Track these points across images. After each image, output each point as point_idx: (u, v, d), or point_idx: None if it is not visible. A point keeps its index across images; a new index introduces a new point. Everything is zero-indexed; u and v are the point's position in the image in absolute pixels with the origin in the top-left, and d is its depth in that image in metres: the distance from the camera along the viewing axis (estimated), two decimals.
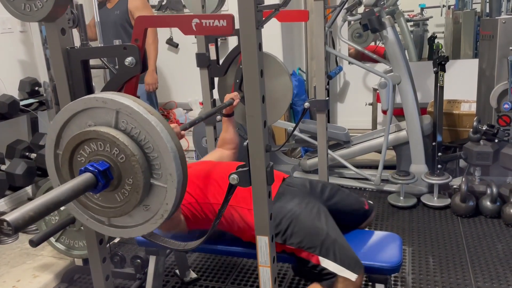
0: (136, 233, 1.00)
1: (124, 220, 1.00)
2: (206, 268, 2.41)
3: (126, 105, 0.90)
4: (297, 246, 1.54)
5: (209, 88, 2.14)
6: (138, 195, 0.92)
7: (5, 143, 2.94)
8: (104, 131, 0.90)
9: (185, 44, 4.13)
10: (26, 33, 3.24)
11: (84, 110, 0.95)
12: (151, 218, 0.97)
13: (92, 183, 0.89)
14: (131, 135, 0.92)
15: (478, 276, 2.19)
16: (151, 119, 0.89)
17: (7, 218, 0.73)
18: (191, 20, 1.13)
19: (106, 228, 1.03)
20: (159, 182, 0.93)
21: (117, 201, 0.96)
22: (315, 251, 1.51)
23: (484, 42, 3.02)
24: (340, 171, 3.44)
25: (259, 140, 1.09)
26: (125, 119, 0.91)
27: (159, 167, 0.92)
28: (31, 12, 1.10)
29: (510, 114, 2.75)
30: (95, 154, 0.93)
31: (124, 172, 0.92)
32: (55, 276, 2.34)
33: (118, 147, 0.90)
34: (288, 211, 1.58)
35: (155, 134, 0.89)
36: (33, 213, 0.76)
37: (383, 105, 3.05)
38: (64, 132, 0.99)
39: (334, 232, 1.57)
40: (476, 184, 2.84)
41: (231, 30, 1.10)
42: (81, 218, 1.04)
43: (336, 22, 3.42)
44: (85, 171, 0.90)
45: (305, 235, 1.53)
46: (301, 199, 1.65)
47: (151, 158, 0.92)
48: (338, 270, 1.48)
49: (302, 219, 1.56)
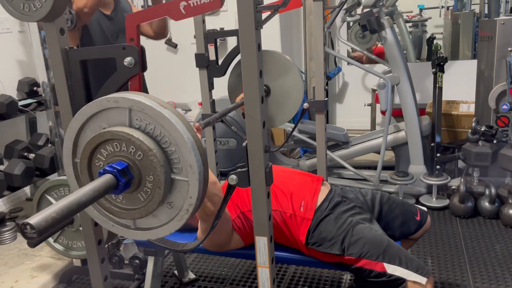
0: (163, 233, 0.99)
1: (150, 221, 0.99)
2: (204, 269, 2.41)
3: (138, 101, 0.89)
4: (358, 255, 1.50)
5: (208, 88, 2.14)
6: (160, 190, 0.91)
7: (3, 143, 2.94)
8: (118, 130, 0.90)
9: (184, 44, 4.13)
10: (24, 33, 3.24)
11: (97, 114, 0.94)
12: (176, 215, 0.96)
13: (113, 183, 0.88)
14: (147, 131, 0.91)
15: (476, 276, 2.19)
16: (164, 112, 0.88)
17: (30, 221, 0.71)
18: (178, 4, 1.13)
19: (132, 232, 1.02)
20: (180, 176, 0.92)
21: (140, 201, 0.95)
22: (378, 258, 1.48)
23: (483, 43, 3.03)
24: (339, 172, 3.44)
25: (258, 140, 1.08)
26: (138, 116, 0.91)
27: (178, 161, 0.91)
28: (30, 12, 1.10)
29: (508, 115, 2.75)
30: (112, 156, 0.92)
31: (144, 169, 0.91)
32: (53, 277, 2.33)
33: (134, 145, 0.89)
34: (343, 222, 1.56)
35: (170, 127, 0.89)
36: (57, 215, 0.75)
37: (382, 106, 3.06)
38: (80, 139, 0.98)
39: (391, 240, 1.54)
40: (475, 185, 2.84)
41: (219, 4, 1.09)
42: (107, 225, 1.03)
43: (335, 23, 3.42)
44: (104, 172, 0.89)
45: (365, 244, 1.50)
46: (354, 208, 1.63)
47: (169, 152, 0.91)
48: (407, 275, 1.45)
49: (359, 228, 1.54)
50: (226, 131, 3.31)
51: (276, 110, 2.12)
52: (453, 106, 3.51)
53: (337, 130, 3.29)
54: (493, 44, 2.86)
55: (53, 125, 2.77)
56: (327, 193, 1.68)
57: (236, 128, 2.22)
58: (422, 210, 1.80)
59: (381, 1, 3.00)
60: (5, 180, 2.66)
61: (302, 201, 1.62)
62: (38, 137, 3.08)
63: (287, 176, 1.74)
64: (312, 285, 2.21)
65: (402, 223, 1.73)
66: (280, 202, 1.62)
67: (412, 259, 1.49)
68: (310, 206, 1.61)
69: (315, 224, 1.58)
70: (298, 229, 1.59)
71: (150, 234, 1.00)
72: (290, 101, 2.12)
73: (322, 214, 1.60)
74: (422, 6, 5.22)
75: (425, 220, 1.77)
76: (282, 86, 2.11)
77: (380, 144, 3.09)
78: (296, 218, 1.60)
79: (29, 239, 0.72)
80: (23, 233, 0.72)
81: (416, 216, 1.76)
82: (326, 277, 2.26)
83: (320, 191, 1.67)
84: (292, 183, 1.68)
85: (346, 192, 1.74)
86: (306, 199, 1.63)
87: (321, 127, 2.22)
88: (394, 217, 1.73)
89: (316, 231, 1.57)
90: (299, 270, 2.33)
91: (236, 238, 1.63)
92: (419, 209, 1.79)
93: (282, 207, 1.61)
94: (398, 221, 1.73)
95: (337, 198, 1.66)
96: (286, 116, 2.18)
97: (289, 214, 1.60)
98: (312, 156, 3.37)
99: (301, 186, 1.68)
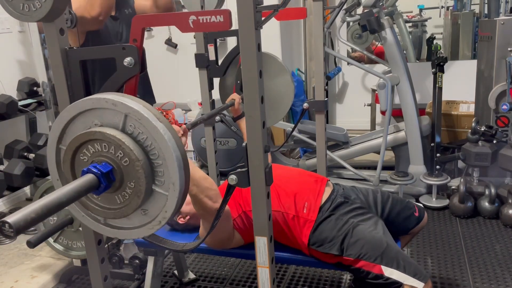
0: (132, 236, 0.99)
1: (121, 221, 0.99)
2: (204, 269, 2.41)
3: (136, 110, 0.89)
4: (356, 257, 1.50)
5: (208, 88, 2.14)
6: (139, 199, 0.91)
7: (3, 143, 2.93)
8: (111, 134, 0.90)
9: (183, 44, 4.13)
10: (24, 33, 3.23)
11: (91, 109, 0.94)
12: (148, 223, 0.96)
13: (94, 184, 0.88)
14: (138, 139, 0.91)
15: (476, 277, 2.19)
16: (159, 127, 0.88)
17: (8, 220, 0.72)
18: (188, 17, 1.13)
19: (101, 227, 1.02)
20: (161, 189, 0.92)
21: (116, 203, 0.95)
22: (376, 260, 1.48)
23: (483, 43, 3.02)
24: (338, 172, 3.44)
25: (258, 140, 1.08)
26: (133, 123, 0.90)
27: (162, 174, 0.91)
28: (30, 12, 1.09)
29: (508, 115, 2.76)
30: (98, 155, 0.92)
31: (127, 175, 0.91)
32: (53, 277, 2.33)
33: (123, 151, 0.90)
34: (344, 223, 1.57)
35: (162, 142, 0.89)
36: (35, 215, 0.75)
37: (381, 106, 3.06)
38: (69, 128, 0.98)
39: (392, 242, 1.55)
40: (475, 185, 2.84)
41: (228, 25, 1.10)
42: (77, 214, 1.04)
43: (335, 23, 3.43)
44: (88, 172, 0.89)
45: (364, 245, 1.50)
46: (356, 210, 1.64)
47: (155, 164, 0.91)
48: (404, 279, 1.45)
49: (359, 229, 1.54)
50: (226, 131, 3.31)
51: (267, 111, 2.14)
52: (453, 106, 3.51)
53: (337, 130, 3.29)
54: (493, 44, 2.86)
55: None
56: (329, 193, 1.68)
57: (236, 128, 2.23)
58: (419, 206, 1.84)
59: (381, 1, 3.00)
60: (5, 180, 2.66)
61: (305, 202, 1.62)
62: (38, 137, 3.08)
63: (291, 176, 1.74)
64: (312, 285, 2.21)
65: (404, 219, 1.76)
66: (283, 202, 1.62)
67: (410, 263, 1.49)
68: (313, 208, 1.61)
69: (316, 225, 1.58)
70: (301, 231, 1.59)
71: (119, 234, 1.01)
72: (282, 102, 2.14)
73: (323, 215, 1.60)
74: (422, 6, 5.23)
75: (422, 215, 1.81)
76: (273, 87, 2.13)
77: (380, 144, 3.09)
78: (299, 219, 1.59)
79: (7, 237, 0.73)
80: (1, 230, 0.73)
81: (414, 212, 1.79)
82: (326, 277, 2.26)
83: (324, 192, 1.67)
84: (296, 184, 1.68)
85: (348, 192, 1.75)
86: (310, 200, 1.63)
87: (321, 127, 2.22)
88: (396, 214, 1.75)
89: (317, 232, 1.58)
90: (299, 270, 2.33)
91: (237, 236, 1.64)
92: (417, 205, 1.83)
93: (284, 208, 1.61)
94: (400, 217, 1.75)
95: (339, 199, 1.66)
96: (277, 117, 2.20)
97: (292, 215, 1.60)
98: (312, 156, 3.37)
99: (305, 187, 1.68)
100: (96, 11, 1.87)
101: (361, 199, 1.73)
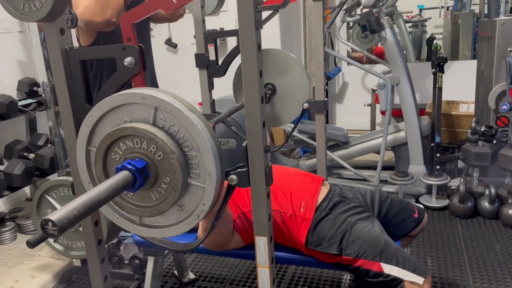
0: (169, 233, 0.97)
1: (157, 219, 0.97)
2: (204, 269, 2.41)
3: (167, 101, 0.87)
4: (355, 256, 1.50)
5: (208, 88, 2.14)
6: (176, 193, 0.89)
7: (3, 143, 2.94)
8: (143, 128, 0.88)
9: (183, 44, 4.13)
10: (24, 33, 3.23)
11: (120, 106, 0.92)
12: (185, 219, 0.94)
13: (130, 181, 0.86)
14: (169, 132, 0.89)
15: (476, 276, 2.19)
16: (191, 117, 0.87)
17: (52, 218, 0.70)
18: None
19: (137, 227, 1.00)
20: (197, 182, 0.90)
21: (152, 200, 0.93)
22: (375, 258, 1.48)
23: (483, 43, 3.03)
24: (338, 172, 3.44)
25: (258, 140, 1.08)
26: (163, 116, 0.89)
27: (197, 166, 0.89)
28: (30, 12, 1.09)
29: (508, 115, 2.76)
30: (130, 152, 0.90)
31: (161, 170, 0.89)
32: (53, 277, 2.33)
33: (156, 145, 0.88)
34: (342, 222, 1.57)
35: (195, 132, 0.87)
36: (77, 212, 0.74)
37: (381, 106, 3.06)
38: (97, 128, 0.96)
39: (390, 239, 1.55)
40: (475, 185, 2.84)
41: None
42: (112, 216, 1.01)
43: (335, 23, 3.42)
44: (122, 169, 0.87)
45: (363, 244, 1.50)
46: (353, 208, 1.64)
47: (188, 156, 0.89)
48: (404, 275, 1.45)
49: (357, 228, 1.54)
50: (226, 131, 3.31)
51: (282, 109, 2.12)
52: (453, 106, 3.51)
53: (337, 130, 3.29)
54: (493, 44, 2.86)
55: (53, 125, 2.76)
56: (326, 193, 1.68)
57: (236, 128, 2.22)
58: (419, 207, 1.82)
59: (381, 1, 3.00)
60: (5, 180, 2.66)
61: (302, 201, 1.62)
62: (38, 137, 3.08)
63: (287, 176, 1.74)
64: (312, 285, 2.21)
65: (401, 221, 1.75)
66: (280, 202, 1.62)
67: (410, 259, 1.49)
68: (310, 207, 1.61)
69: (314, 224, 1.58)
70: (298, 229, 1.59)
71: (156, 232, 0.99)
72: (297, 99, 2.12)
73: (321, 214, 1.60)
74: (422, 6, 5.23)
75: (422, 217, 1.79)
76: (287, 84, 2.11)
77: (380, 144, 3.10)
78: (296, 218, 1.59)
79: (50, 235, 0.71)
80: (44, 229, 0.71)
81: (414, 214, 1.77)
82: (326, 277, 2.26)
83: (320, 191, 1.67)
84: (292, 183, 1.68)
85: (345, 192, 1.74)
86: (306, 199, 1.63)
87: (321, 127, 2.22)
88: (393, 215, 1.74)
89: (315, 231, 1.58)
90: (299, 270, 2.33)
91: (236, 238, 1.63)
92: (416, 207, 1.81)
93: (281, 207, 1.61)
94: (397, 219, 1.74)
95: (336, 198, 1.66)
96: (292, 114, 2.18)
97: (289, 214, 1.60)
98: (312, 156, 3.37)
99: (301, 186, 1.68)
100: (108, 14, 1.87)
101: (359, 199, 1.73)
